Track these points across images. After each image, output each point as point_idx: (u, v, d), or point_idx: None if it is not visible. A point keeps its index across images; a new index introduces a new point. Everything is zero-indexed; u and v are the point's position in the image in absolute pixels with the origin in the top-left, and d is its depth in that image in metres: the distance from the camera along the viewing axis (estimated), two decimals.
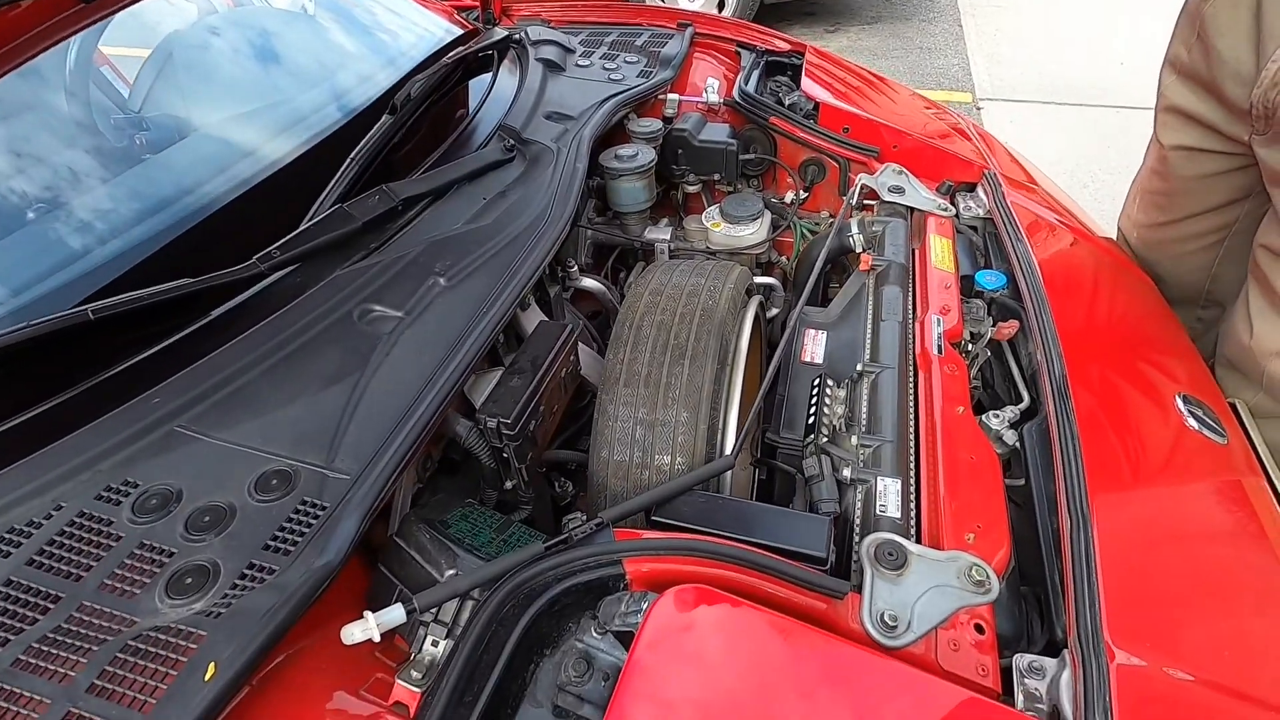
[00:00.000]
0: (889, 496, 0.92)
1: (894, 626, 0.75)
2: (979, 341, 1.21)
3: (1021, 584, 0.93)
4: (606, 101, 1.56)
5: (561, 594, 0.72)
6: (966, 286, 1.31)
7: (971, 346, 1.20)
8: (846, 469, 0.97)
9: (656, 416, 1.01)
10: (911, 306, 1.25)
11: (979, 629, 0.78)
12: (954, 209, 1.49)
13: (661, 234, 1.56)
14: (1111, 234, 1.55)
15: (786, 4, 5.00)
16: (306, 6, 1.74)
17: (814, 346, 1.24)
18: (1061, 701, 0.73)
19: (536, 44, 1.77)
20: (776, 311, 1.55)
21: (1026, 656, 0.79)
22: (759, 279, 1.51)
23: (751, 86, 1.71)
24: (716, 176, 1.65)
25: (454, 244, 1.14)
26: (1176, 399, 1.11)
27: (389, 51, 1.64)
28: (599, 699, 0.68)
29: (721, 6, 4.60)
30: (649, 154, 1.51)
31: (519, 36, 1.79)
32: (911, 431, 1.03)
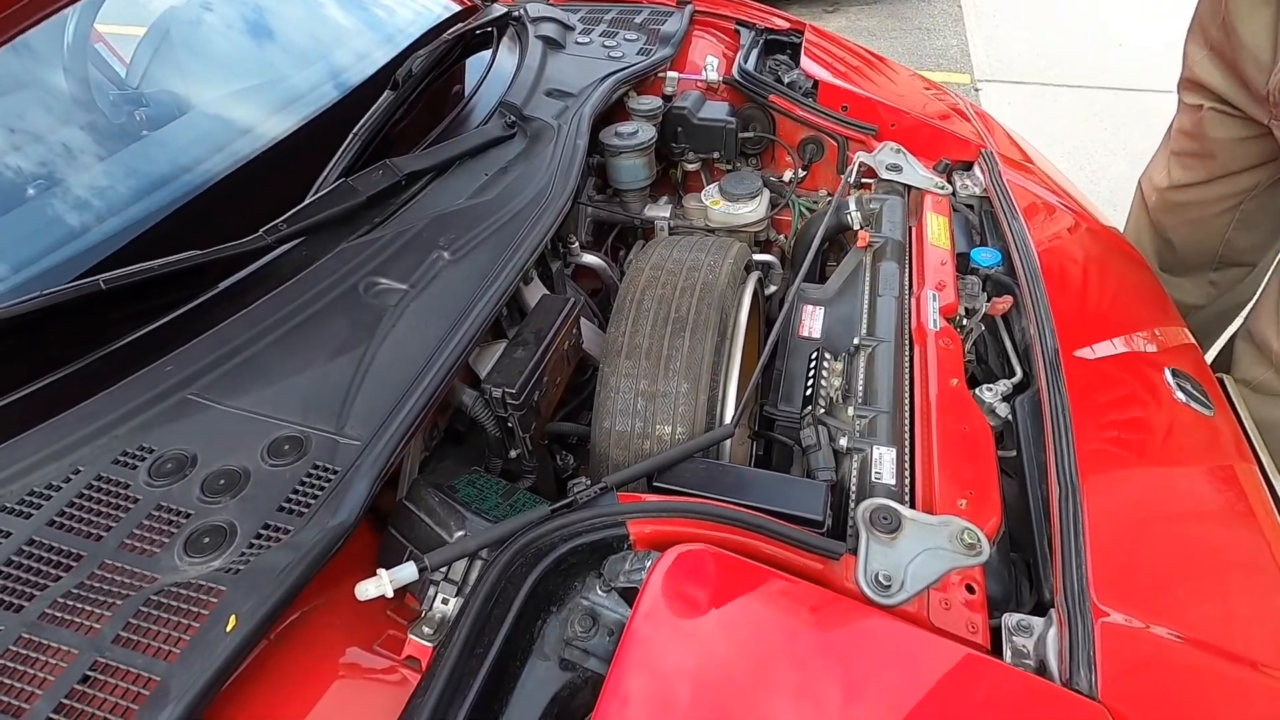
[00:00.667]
0: (884, 464, 0.95)
1: (888, 586, 0.77)
2: (974, 316, 1.23)
3: (1012, 551, 0.96)
4: (606, 79, 1.56)
5: (567, 553, 0.74)
6: (962, 263, 1.33)
7: (966, 321, 1.22)
8: (843, 439, 1.00)
9: (657, 388, 1.03)
10: (908, 282, 1.27)
11: (970, 589, 0.81)
12: (951, 187, 1.50)
13: (661, 211, 1.57)
14: (1108, 215, 1.57)
15: None
16: None
17: (811, 321, 1.26)
18: (1048, 657, 0.76)
19: (536, 21, 1.77)
20: (775, 289, 1.56)
21: (1015, 616, 0.81)
22: (757, 256, 1.53)
23: (751, 64, 1.72)
24: (716, 155, 1.66)
25: (457, 219, 1.15)
26: (1165, 372, 1.14)
27: (388, 27, 1.64)
28: (604, 652, 0.70)
29: None
30: (649, 131, 1.52)
31: (518, 13, 1.79)
32: (907, 403, 1.05)
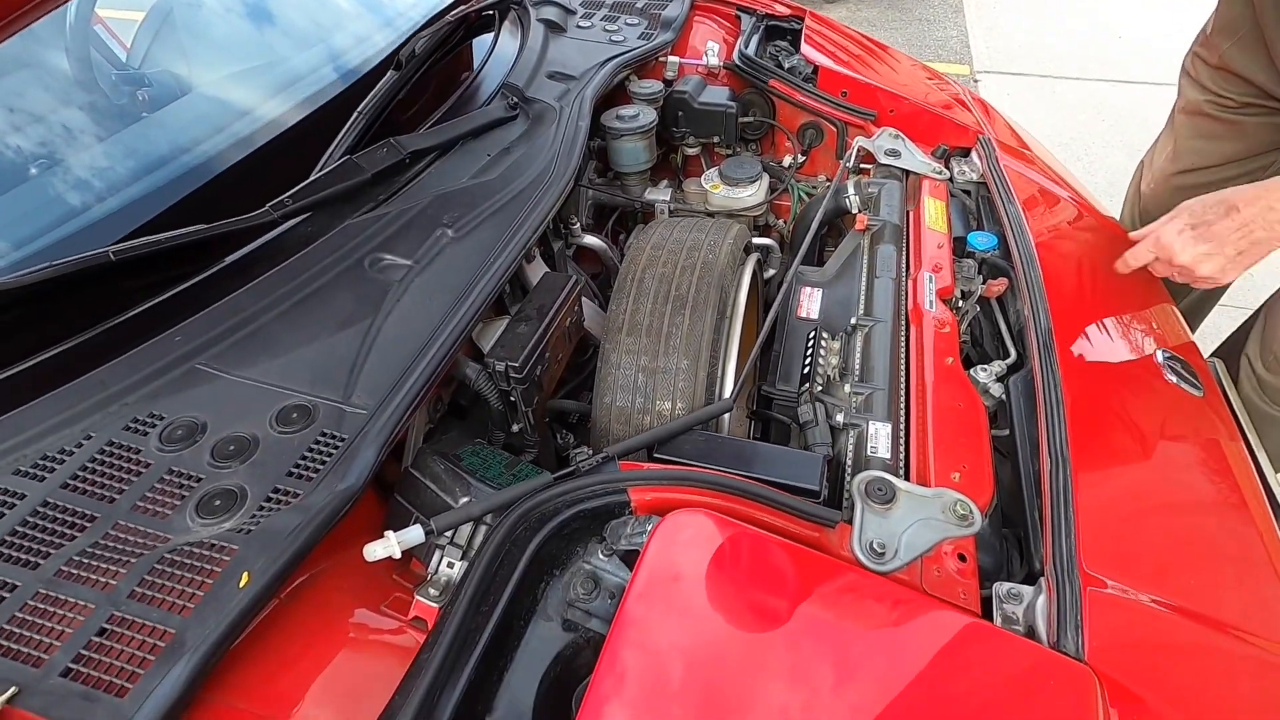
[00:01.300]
0: (879, 439, 0.97)
1: (881, 554, 0.79)
2: (969, 299, 1.25)
3: (1004, 527, 0.98)
4: (608, 62, 1.57)
5: (570, 519, 0.76)
6: (959, 247, 1.35)
7: (962, 303, 1.24)
8: (839, 415, 1.02)
9: (658, 364, 1.04)
10: (905, 265, 1.29)
11: (961, 558, 0.83)
12: (948, 173, 1.52)
13: (661, 195, 1.59)
14: (1105, 205, 1.59)
15: None
16: None
17: (809, 303, 1.28)
18: (1036, 622, 0.78)
19: (537, 4, 1.77)
20: (773, 272, 1.58)
21: (1005, 584, 0.84)
22: (756, 240, 1.54)
23: (751, 50, 1.73)
24: (716, 139, 1.67)
25: (460, 197, 1.16)
26: (1156, 353, 1.16)
27: (391, 9, 1.65)
28: (605, 614, 0.72)
29: None
30: (650, 115, 1.53)
31: None
32: (902, 381, 1.07)
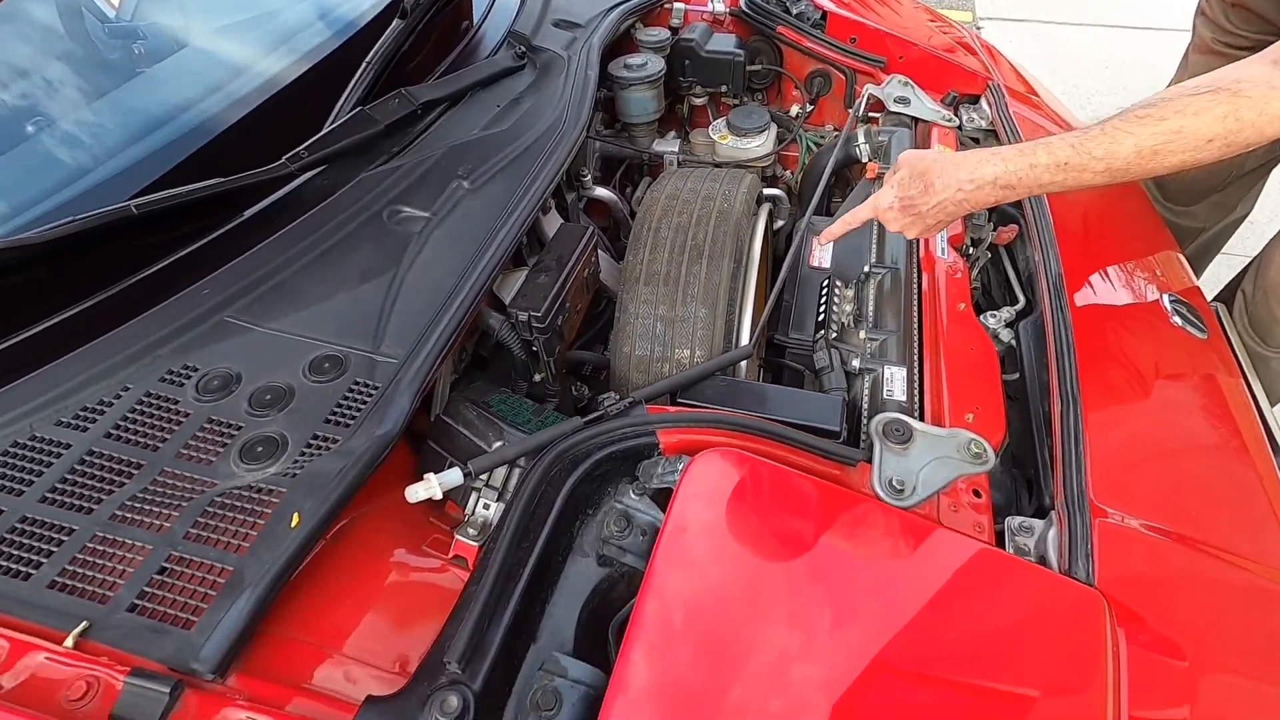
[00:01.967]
0: (895, 383, 0.99)
1: (901, 490, 0.82)
2: (980, 246, 1.26)
3: (1013, 467, 1.02)
4: (613, 9, 1.54)
5: (601, 460, 0.79)
6: None
7: (973, 250, 1.25)
8: (855, 360, 1.04)
9: (676, 313, 1.06)
10: None
11: (976, 494, 0.87)
12: (958, 120, 1.51)
13: (669, 146, 1.58)
14: None
15: None
16: None
17: (821, 252, 1.29)
18: (1048, 552, 0.82)
19: None
20: (781, 223, 1.58)
21: (1017, 518, 0.87)
22: (765, 191, 1.54)
23: None
24: (723, 88, 1.65)
25: (474, 149, 1.16)
26: (1163, 298, 1.18)
27: None
28: (639, 550, 0.75)
29: None
30: (658, 63, 1.51)
31: None
32: (915, 327, 1.09)
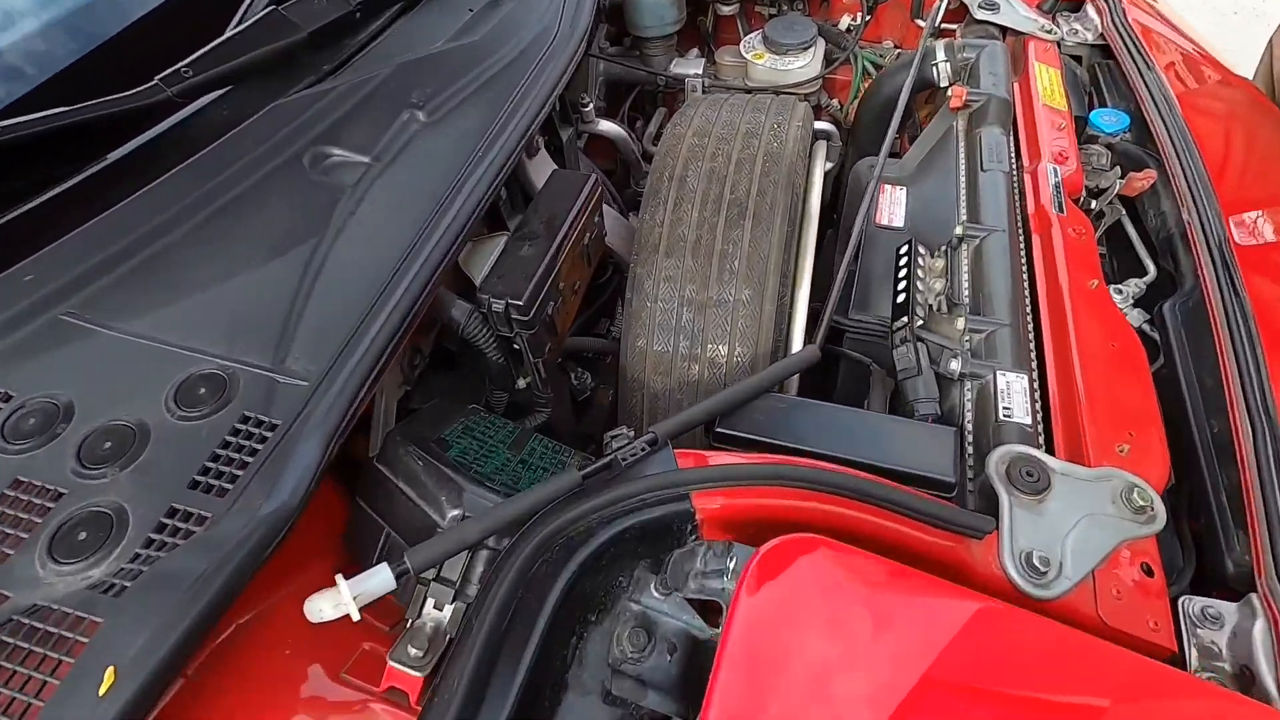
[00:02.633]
0: (1013, 396, 0.72)
1: (1044, 571, 0.56)
2: (1103, 197, 0.96)
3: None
4: None
5: (610, 541, 0.52)
6: (1077, 130, 1.04)
7: (1094, 204, 0.96)
8: (953, 360, 0.76)
9: (709, 295, 0.78)
10: (1015, 155, 0.99)
11: (1146, 570, 0.61)
12: (1058, 31, 1.19)
13: (692, 68, 1.26)
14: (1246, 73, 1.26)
15: None
16: None
17: (892, 206, 0.99)
18: (1257, 660, 0.56)
19: None
20: (830, 165, 1.28)
21: (1196, 600, 0.61)
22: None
23: None
24: None
25: (434, 67, 0.85)
26: None
27: None
28: (665, 680, 0.50)
29: None
30: None
31: None
32: (1030, 313, 0.81)
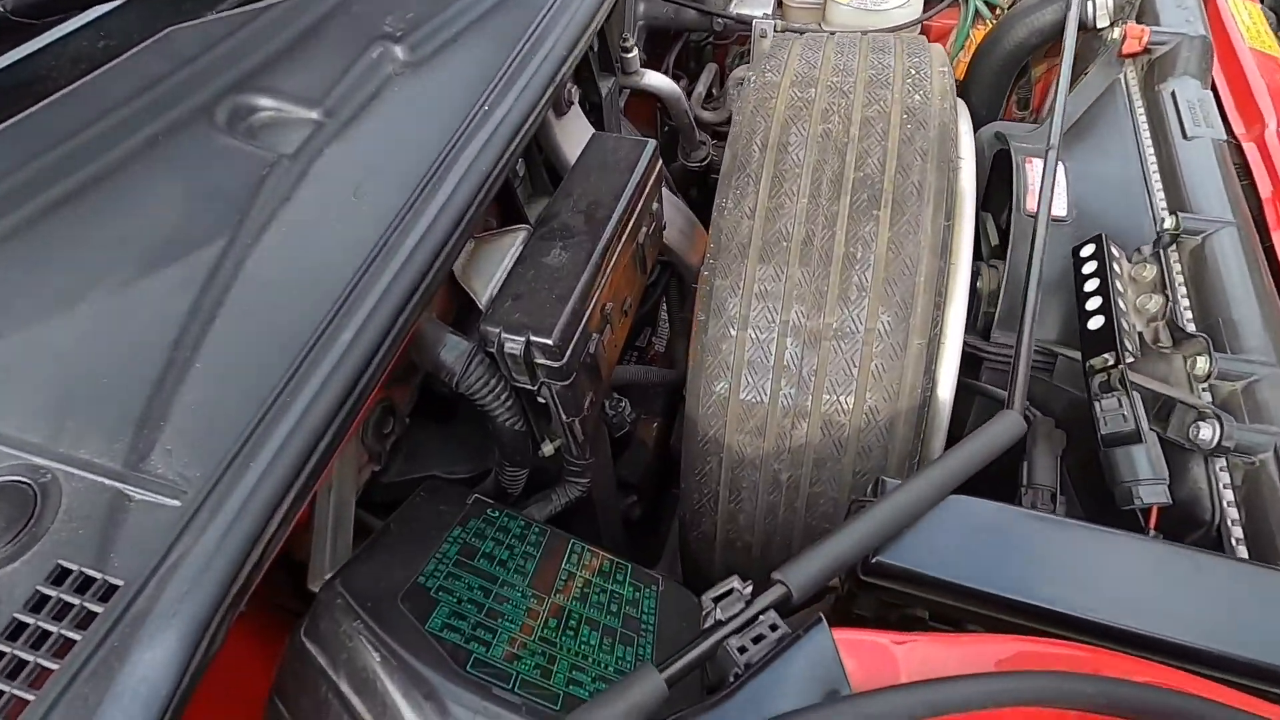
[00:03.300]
0: None
1: None
2: None
3: None
4: None
5: None
6: None
7: None
8: (1202, 426, 0.50)
9: (827, 321, 0.52)
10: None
11: None
12: None
13: (759, 7, 0.99)
14: None
15: None
16: None
17: (1046, 187, 0.73)
18: None
19: None
20: None
21: None
22: None
23: None
24: None
25: None
26: None
27: None
28: None
29: None
30: None
31: None
32: None
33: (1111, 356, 0.55)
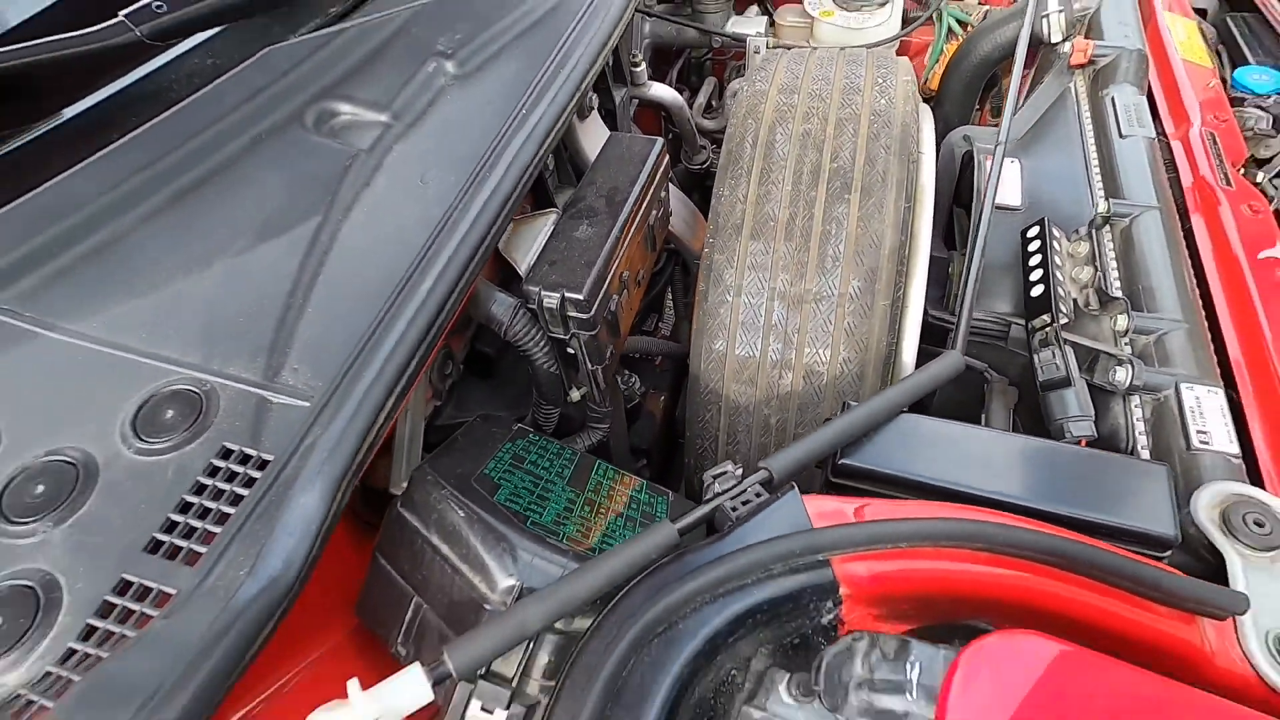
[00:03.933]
0: (1207, 416, 0.56)
1: None
2: (1269, 168, 0.80)
3: None
4: None
5: (725, 626, 0.38)
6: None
7: (1260, 175, 0.79)
8: (1118, 370, 0.61)
9: (807, 287, 0.63)
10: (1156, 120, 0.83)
11: None
12: None
13: (753, 26, 1.10)
14: None
15: None
16: None
17: (1005, 182, 0.84)
18: None
19: None
20: None
21: None
22: None
23: None
24: None
25: (463, 8, 0.71)
26: None
27: None
28: None
29: None
30: None
31: None
32: (1201, 306, 0.65)
33: (1049, 317, 0.66)
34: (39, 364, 0.44)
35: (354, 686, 0.33)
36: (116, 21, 0.56)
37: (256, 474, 0.40)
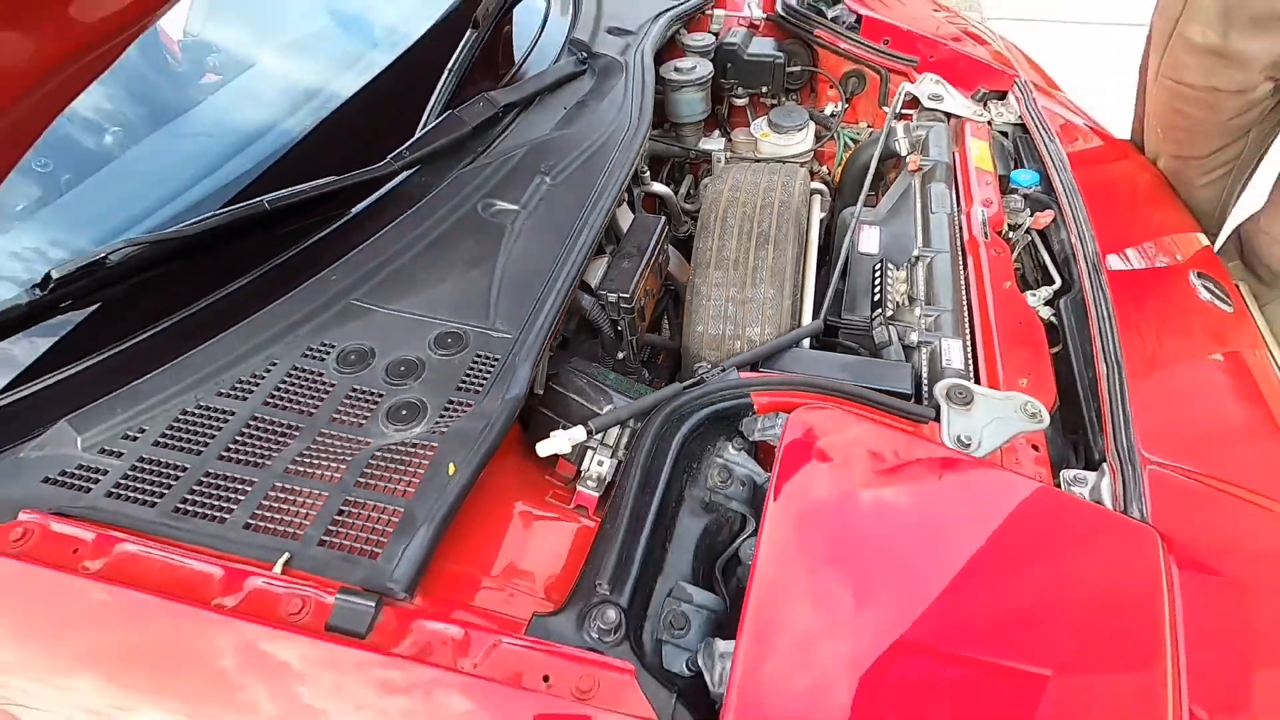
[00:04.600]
0: (952, 353, 1.08)
1: (968, 444, 0.91)
2: (1018, 230, 1.35)
3: (1063, 431, 1.11)
4: (660, 16, 1.64)
5: (704, 419, 0.88)
6: (1002, 185, 1.45)
7: (1012, 235, 1.35)
8: (913, 334, 1.13)
9: (746, 294, 1.15)
10: (956, 201, 1.39)
11: (1035, 449, 0.96)
12: (988, 115, 1.61)
13: (715, 144, 1.68)
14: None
15: None
16: None
17: (869, 239, 1.38)
18: (1103, 499, 0.91)
19: None
20: (821, 215, 1.68)
21: (1071, 470, 0.96)
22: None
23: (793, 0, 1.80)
24: (764, 89, 1.75)
25: (551, 147, 1.25)
26: (1190, 275, 1.27)
27: None
28: (740, 498, 0.85)
29: None
30: (706, 66, 1.61)
31: None
32: (965, 303, 1.18)
33: (882, 312, 1.19)
34: (383, 323, 0.95)
35: (556, 431, 0.83)
36: (387, 162, 1.10)
37: (495, 363, 0.90)
